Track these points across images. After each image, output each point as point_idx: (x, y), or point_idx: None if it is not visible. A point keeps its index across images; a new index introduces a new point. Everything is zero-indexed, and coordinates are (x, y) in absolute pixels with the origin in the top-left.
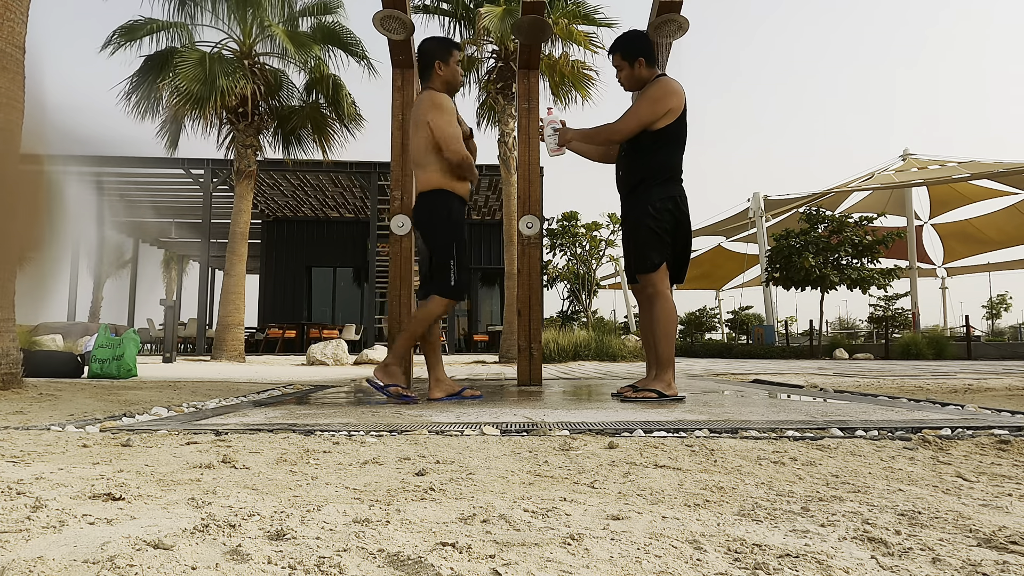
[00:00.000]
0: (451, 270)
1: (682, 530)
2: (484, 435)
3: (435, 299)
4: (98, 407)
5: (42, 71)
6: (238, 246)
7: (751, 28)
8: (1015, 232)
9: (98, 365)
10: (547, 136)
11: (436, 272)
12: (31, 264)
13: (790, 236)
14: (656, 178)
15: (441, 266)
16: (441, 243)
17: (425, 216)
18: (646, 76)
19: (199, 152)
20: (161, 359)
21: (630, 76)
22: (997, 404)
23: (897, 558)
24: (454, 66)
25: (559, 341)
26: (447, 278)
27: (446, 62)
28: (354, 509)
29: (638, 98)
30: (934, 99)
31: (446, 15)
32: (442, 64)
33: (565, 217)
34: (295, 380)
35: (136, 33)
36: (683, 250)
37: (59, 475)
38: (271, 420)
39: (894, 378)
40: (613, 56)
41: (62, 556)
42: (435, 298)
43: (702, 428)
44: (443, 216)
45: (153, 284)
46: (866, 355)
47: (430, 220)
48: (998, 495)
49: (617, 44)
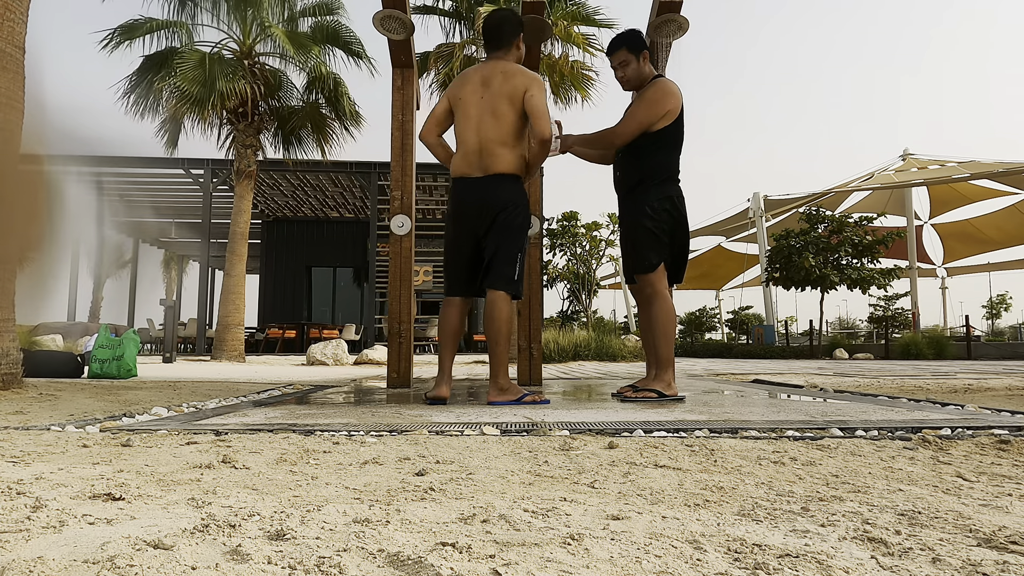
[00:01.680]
0: (517, 263)
1: (682, 530)
2: (484, 435)
3: (501, 297)
4: (98, 407)
5: (42, 71)
6: (238, 246)
7: (755, 29)
8: (1015, 232)
9: (98, 365)
10: None
11: (501, 264)
12: (31, 264)
13: (790, 236)
14: (654, 179)
15: (510, 258)
16: (517, 234)
17: (509, 200)
18: (648, 73)
19: (199, 152)
20: (161, 359)
21: (635, 72)
22: (997, 404)
23: (897, 558)
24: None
25: (559, 341)
26: (513, 271)
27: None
28: (354, 509)
29: (636, 101)
30: (936, 100)
31: (446, 15)
32: (520, 42)
33: (565, 217)
34: (295, 380)
35: (136, 33)
36: (681, 250)
37: (59, 475)
38: (271, 420)
39: (894, 378)
40: (618, 52)
41: (62, 556)
42: (501, 296)
43: (702, 428)
44: (525, 204)
45: (153, 284)
46: (866, 355)
47: (515, 205)
48: (998, 495)
49: (622, 39)
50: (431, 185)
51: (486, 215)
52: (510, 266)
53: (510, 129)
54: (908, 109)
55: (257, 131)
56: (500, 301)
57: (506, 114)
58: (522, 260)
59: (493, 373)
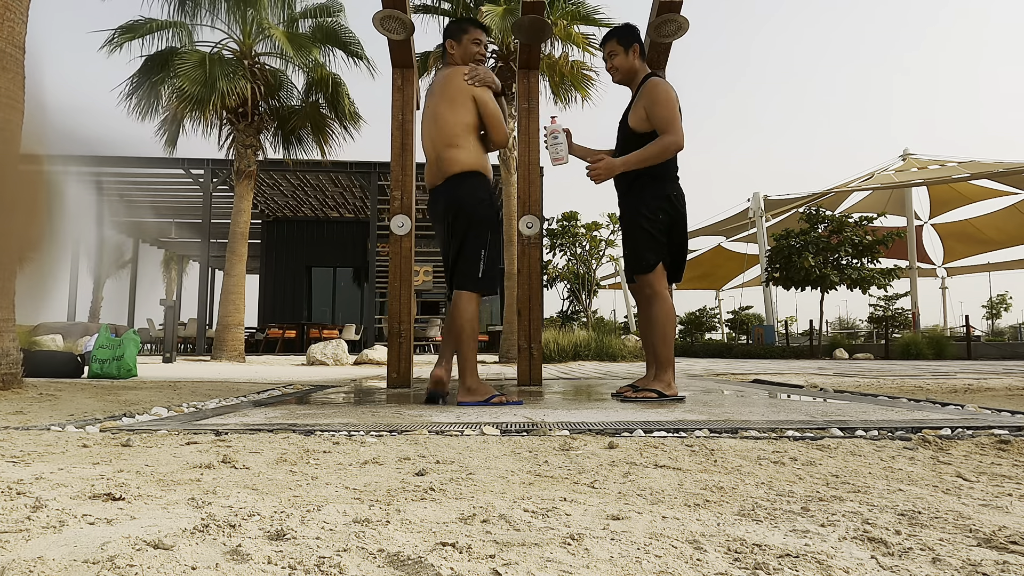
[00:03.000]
0: (480, 260)
1: (682, 530)
2: (484, 435)
3: (464, 297)
4: (98, 407)
5: (42, 71)
6: (238, 246)
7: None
8: (1015, 232)
9: (98, 365)
10: (551, 145)
11: (464, 263)
12: (31, 264)
13: (790, 236)
14: (655, 177)
15: (472, 256)
16: (479, 230)
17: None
18: (638, 68)
19: (199, 152)
20: (161, 359)
21: (624, 62)
22: (997, 404)
23: (897, 558)
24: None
25: (559, 341)
26: (477, 269)
27: (458, 40)
28: (354, 509)
29: (654, 104)
30: (934, 100)
31: (446, 15)
32: (454, 43)
33: (565, 217)
34: (295, 380)
35: (136, 33)
36: (679, 249)
37: (59, 475)
38: (271, 420)
39: (894, 378)
40: (608, 43)
41: (62, 556)
42: (464, 296)
43: (702, 428)
44: (483, 200)
45: (153, 284)
46: (866, 355)
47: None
48: (998, 495)
49: (613, 31)
50: None
51: (448, 217)
52: (473, 264)
53: (453, 129)
54: (907, 108)
55: (257, 131)
56: (462, 301)
57: (444, 115)
58: (489, 255)
59: (460, 374)
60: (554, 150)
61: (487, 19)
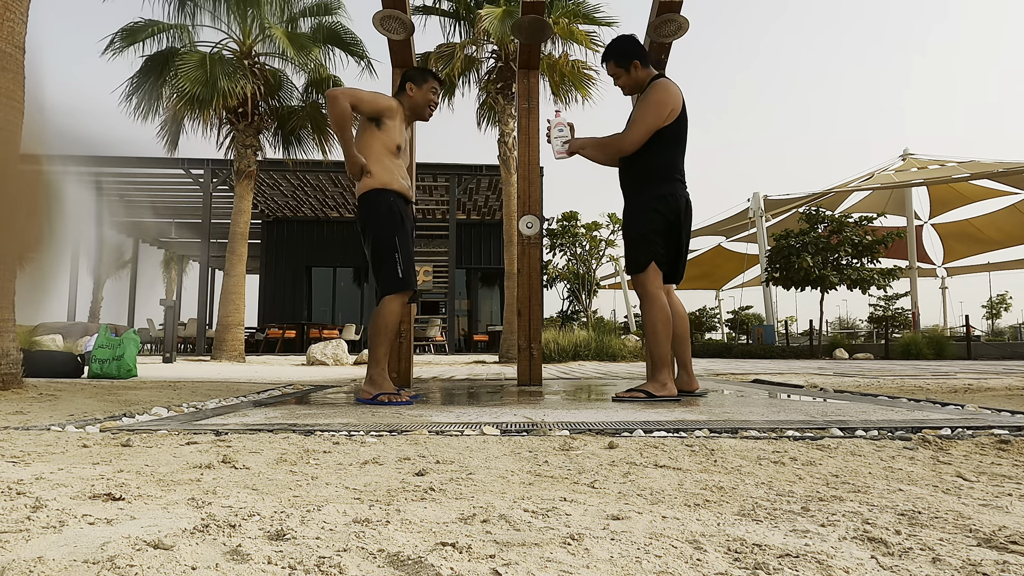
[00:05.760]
0: (386, 262)
1: (682, 530)
2: (484, 435)
3: (383, 302)
4: (98, 407)
5: (42, 71)
6: (238, 246)
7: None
8: (1015, 232)
9: (98, 365)
10: (554, 138)
11: (374, 273)
12: (31, 264)
13: (790, 236)
14: (649, 178)
15: (378, 263)
16: (377, 233)
17: (361, 212)
18: (643, 77)
19: (199, 152)
20: (161, 359)
21: (628, 81)
22: (997, 404)
23: (897, 558)
24: (427, 92)
25: (559, 341)
26: (383, 272)
27: (419, 85)
28: (354, 509)
29: (640, 104)
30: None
31: (446, 15)
32: (414, 86)
33: (565, 217)
34: (295, 380)
35: (138, 37)
36: (677, 250)
37: (59, 475)
38: (271, 420)
39: (894, 378)
40: (607, 65)
41: (62, 556)
42: (384, 300)
43: (702, 428)
44: (374, 203)
45: (153, 284)
46: (866, 355)
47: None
48: (998, 495)
49: (608, 53)
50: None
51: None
52: (380, 270)
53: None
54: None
55: (257, 131)
56: (382, 305)
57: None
58: (392, 255)
59: (368, 364)
60: (558, 143)
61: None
